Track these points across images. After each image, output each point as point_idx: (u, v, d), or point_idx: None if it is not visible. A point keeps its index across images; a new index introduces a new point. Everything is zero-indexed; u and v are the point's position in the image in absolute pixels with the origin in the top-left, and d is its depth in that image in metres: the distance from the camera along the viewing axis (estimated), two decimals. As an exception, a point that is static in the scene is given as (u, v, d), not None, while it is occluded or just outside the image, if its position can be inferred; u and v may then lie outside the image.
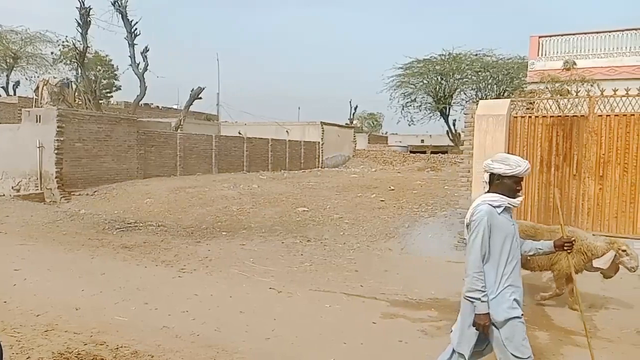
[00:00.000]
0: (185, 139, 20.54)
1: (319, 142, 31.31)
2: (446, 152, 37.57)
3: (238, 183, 17.51)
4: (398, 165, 32.50)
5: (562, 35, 17.09)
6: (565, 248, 3.20)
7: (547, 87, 12.88)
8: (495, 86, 30.83)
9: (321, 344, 4.56)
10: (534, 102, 9.79)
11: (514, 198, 3.04)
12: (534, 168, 8.82)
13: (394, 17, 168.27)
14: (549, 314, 5.53)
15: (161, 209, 12.87)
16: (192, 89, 24.00)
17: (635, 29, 15.81)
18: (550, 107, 9.30)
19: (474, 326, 3.01)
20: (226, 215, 12.10)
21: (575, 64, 15.16)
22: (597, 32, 16.44)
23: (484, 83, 31.15)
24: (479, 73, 30.77)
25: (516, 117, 9.03)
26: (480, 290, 2.96)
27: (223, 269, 7.29)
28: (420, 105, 34.13)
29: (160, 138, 19.29)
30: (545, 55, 17.21)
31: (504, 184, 3.05)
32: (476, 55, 30.87)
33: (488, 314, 2.97)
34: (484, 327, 2.97)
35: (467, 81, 31.82)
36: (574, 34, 16.84)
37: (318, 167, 30.64)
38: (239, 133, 28.12)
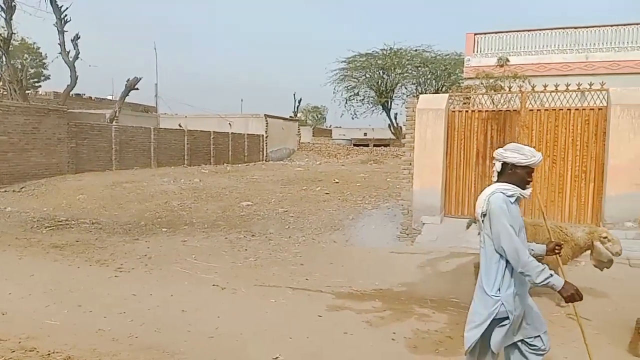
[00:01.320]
0: (122, 132, 19.63)
1: (263, 135, 30.99)
2: (388, 145, 38.42)
3: (179, 177, 16.98)
4: (342, 158, 32.86)
5: (495, 33, 17.85)
6: (555, 252, 3.19)
7: (482, 83, 13.40)
8: (434, 81, 31.82)
9: (267, 340, 4.50)
10: (470, 97, 10.16)
11: (524, 189, 2.95)
12: (471, 160, 9.18)
13: (337, 10, 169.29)
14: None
15: (95, 206, 12.23)
16: (128, 79, 22.91)
17: (561, 28, 16.81)
18: (485, 102, 9.69)
19: (568, 301, 2.80)
20: (166, 211, 11.70)
21: (508, 60, 15.89)
22: (528, 31, 17.31)
23: (423, 78, 32.07)
24: (419, 68, 31.64)
25: (454, 111, 9.34)
26: (544, 269, 2.75)
27: (163, 266, 7.03)
28: (363, 99, 34.63)
29: (93, 130, 18.31)
30: (480, 52, 17.92)
31: (517, 174, 2.94)
32: (416, 50, 31.69)
33: (566, 281, 2.79)
34: (577, 294, 2.76)
35: (407, 76, 32.62)
36: (506, 32, 17.64)
37: (262, 160, 30.34)
38: (179, 125, 27.28)
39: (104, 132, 18.81)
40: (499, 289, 2.86)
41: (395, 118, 34.84)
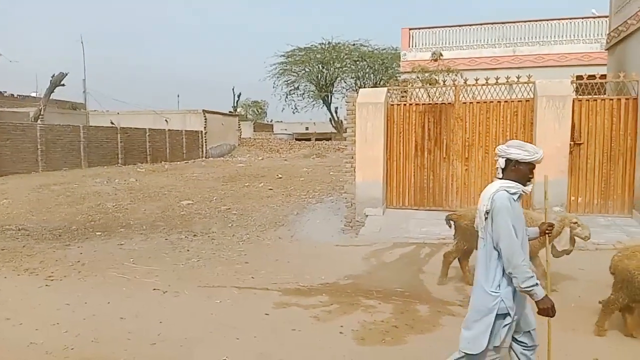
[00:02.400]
0: (47, 131, 18.43)
1: (202, 131, 30.23)
2: (330, 138, 38.70)
3: (113, 177, 16.19)
4: (284, 153, 32.73)
5: (429, 28, 18.44)
6: (547, 232, 3.29)
7: (418, 77, 13.79)
8: (372, 75, 32.38)
9: (213, 343, 4.38)
10: (407, 91, 10.41)
11: (526, 185, 2.95)
12: (410, 153, 9.42)
13: (274, 4, 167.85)
14: (428, 288, 5.94)
15: (21, 211, 11.40)
16: (53, 75, 21.52)
17: (490, 23, 17.64)
18: (422, 96, 9.97)
19: (541, 314, 2.85)
20: (100, 214, 11.11)
21: (442, 55, 16.43)
22: (459, 26, 18.03)
23: (362, 72, 32.55)
24: (357, 62, 32.07)
25: (392, 104, 9.53)
26: (533, 276, 2.79)
27: (99, 272, 6.66)
28: (303, 93, 34.67)
29: (16, 130, 17.07)
30: (416, 46, 18.45)
31: (520, 171, 2.94)
32: (354, 45, 32.09)
33: (547, 295, 2.83)
34: (551, 310, 2.82)
35: (346, 70, 32.98)
36: (440, 27, 18.27)
37: (202, 157, 29.61)
38: (111, 123, 26.04)
39: (28, 131, 17.57)
40: (499, 286, 2.87)
41: (336, 112, 35.18)
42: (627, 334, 4.34)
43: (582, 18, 16.95)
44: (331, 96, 34.34)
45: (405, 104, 9.55)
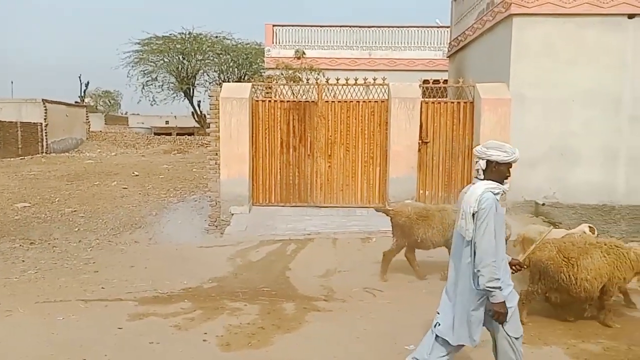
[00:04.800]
0: None
1: (41, 124, 26.69)
2: (193, 133, 37.21)
3: None
4: (142, 148, 30.56)
5: (292, 25, 18.70)
6: (514, 270, 3.38)
7: (282, 74, 13.89)
8: (236, 69, 31.79)
9: (53, 368, 3.81)
10: (272, 87, 10.38)
11: (503, 184, 3.09)
12: (275, 150, 9.41)
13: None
14: (295, 285, 5.97)
15: None
16: None
17: (348, 26, 18.53)
18: (286, 93, 10.03)
19: (492, 316, 3.01)
20: None
21: (304, 53, 16.81)
22: (320, 26, 18.60)
23: (225, 66, 31.75)
24: (221, 55, 31.20)
25: (257, 100, 9.41)
26: (499, 279, 2.94)
27: None
28: (162, 85, 32.56)
29: None
30: (280, 43, 18.57)
31: (499, 171, 3.06)
32: (217, 37, 31.13)
33: (505, 301, 2.98)
34: (505, 315, 2.98)
35: (209, 62, 31.86)
36: (302, 26, 18.64)
37: (42, 152, 26.20)
38: None
39: None
40: None
41: (199, 106, 33.82)
42: (563, 319, 4.74)
43: (428, 27, 18.71)
44: (193, 89, 32.89)
45: (270, 101, 9.50)
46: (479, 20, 10.29)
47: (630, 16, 8.38)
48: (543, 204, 8.49)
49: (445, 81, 11.58)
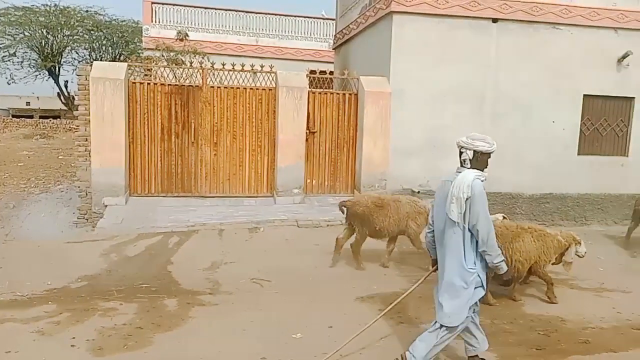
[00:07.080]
0: None
1: None
2: (59, 116, 33.65)
3: None
4: (-4, 132, 26.83)
5: (174, 5, 17.64)
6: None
7: (163, 55, 13.03)
8: (110, 48, 29.30)
9: None
10: (151, 69, 9.69)
11: (484, 172, 3.44)
12: (156, 136, 8.84)
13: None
14: (177, 280, 5.66)
15: None
16: None
17: (235, 10, 17.99)
18: (168, 76, 9.44)
19: (503, 284, 4.04)
20: None
21: (187, 35, 15.91)
22: (205, 8, 17.80)
23: (97, 43, 29.06)
24: (92, 32, 28.46)
25: (135, 82, 8.74)
26: (501, 253, 3.45)
27: None
28: (22, 62, 28.80)
29: None
30: (160, 22, 17.43)
31: (483, 161, 3.42)
32: (87, 12, 28.34)
33: (509, 270, 3.60)
34: (511, 280, 3.48)
35: (78, 39, 28.88)
36: (185, 6, 17.67)
37: None
38: None
39: None
40: (474, 262, 3.37)
41: (66, 86, 30.54)
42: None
43: (314, 18, 18.91)
44: (60, 67, 29.58)
45: (149, 83, 8.86)
46: (362, 15, 10.63)
47: (494, 20, 9.26)
48: (418, 192, 9.09)
49: (332, 72, 11.81)
